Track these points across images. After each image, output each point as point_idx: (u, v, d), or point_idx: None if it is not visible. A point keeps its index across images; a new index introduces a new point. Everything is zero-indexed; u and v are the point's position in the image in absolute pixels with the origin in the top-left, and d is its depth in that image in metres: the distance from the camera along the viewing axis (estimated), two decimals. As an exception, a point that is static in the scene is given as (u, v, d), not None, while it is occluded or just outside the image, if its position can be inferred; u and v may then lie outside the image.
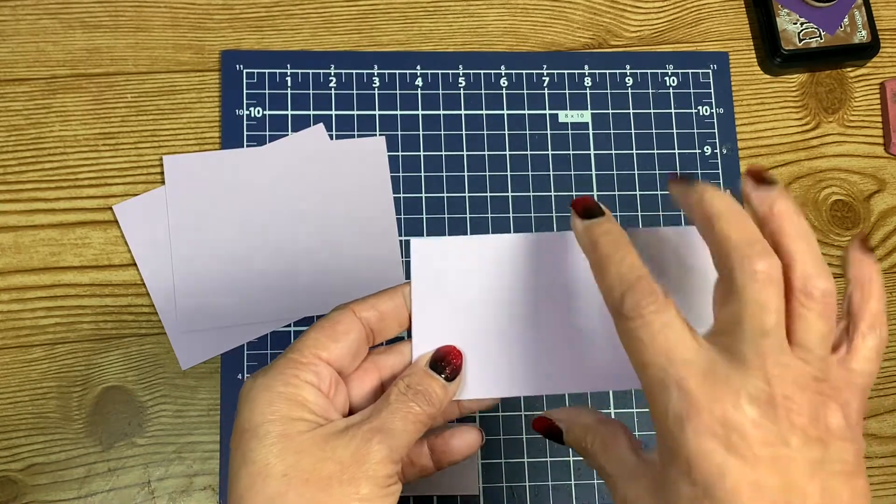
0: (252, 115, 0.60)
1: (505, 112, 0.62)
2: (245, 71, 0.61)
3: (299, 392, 0.35)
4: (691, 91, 0.64)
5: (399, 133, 0.61)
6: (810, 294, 0.31)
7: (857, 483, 0.30)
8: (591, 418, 0.37)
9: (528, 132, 0.62)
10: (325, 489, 0.33)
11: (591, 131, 0.63)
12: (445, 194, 0.60)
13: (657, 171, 0.62)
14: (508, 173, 0.61)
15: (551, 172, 0.62)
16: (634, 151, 0.63)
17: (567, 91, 0.63)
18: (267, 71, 0.61)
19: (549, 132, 0.62)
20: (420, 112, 0.62)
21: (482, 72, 0.63)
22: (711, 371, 0.30)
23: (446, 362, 0.37)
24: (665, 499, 0.31)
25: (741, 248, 0.31)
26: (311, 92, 0.61)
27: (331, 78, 0.62)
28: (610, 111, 0.63)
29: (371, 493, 0.33)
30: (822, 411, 0.30)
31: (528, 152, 0.62)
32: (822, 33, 0.64)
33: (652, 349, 0.31)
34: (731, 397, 0.30)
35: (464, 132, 0.62)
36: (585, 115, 0.63)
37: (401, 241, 0.59)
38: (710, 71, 0.65)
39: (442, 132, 0.62)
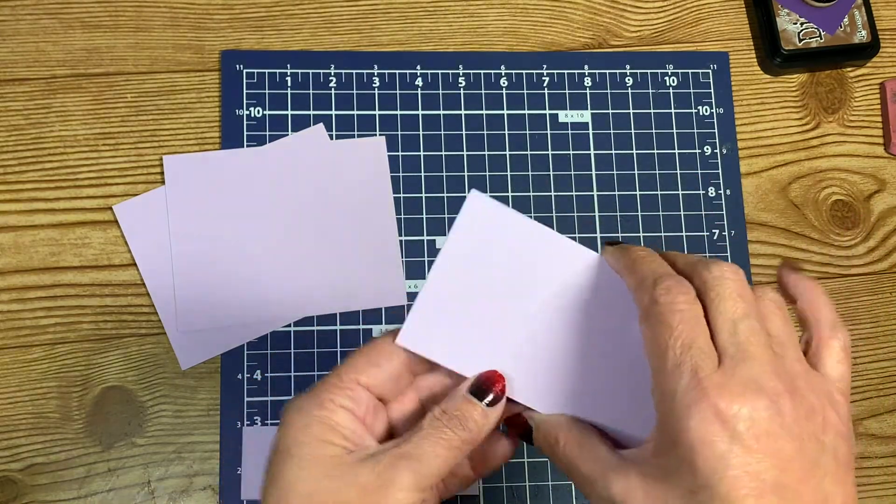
0: (252, 115, 0.60)
1: (505, 112, 0.62)
2: (245, 71, 0.61)
3: (332, 416, 0.35)
4: (691, 91, 0.64)
5: (399, 133, 0.61)
6: (760, 297, 0.34)
7: (849, 485, 0.31)
8: (563, 417, 0.37)
9: (528, 132, 0.62)
10: None
11: (591, 131, 0.63)
12: (445, 194, 0.60)
13: (657, 171, 0.62)
14: (508, 173, 0.61)
15: (551, 172, 0.62)
16: (634, 151, 0.63)
17: (567, 91, 0.63)
18: (267, 71, 0.61)
19: (549, 132, 0.62)
20: (420, 112, 0.62)
21: (482, 72, 0.63)
22: (723, 363, 0.31)
23: (488, 388, 0.36)
24: (661, 489, 0.31)
25: (696, 262, 0.34)
26: (311, 92, 0.61)
27: (331, 78, 0.62)
28: (610, 111, 0.63)
29: None
30: (819, 407, 0.31)
31: (528, 152, 0.62)
32: (822, 33, 0.64)
33: (676, 333, 0.31)
34: (739, 388, 0.30)
35: (464, 132, 0.62)
36: (585, 115, 0.63)
37: (401, 241, 0.59)
38: (710, 71, 0.65)
39: (442, 132, 0.62)
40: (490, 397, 0.36)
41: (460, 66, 0.63)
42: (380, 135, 0.61)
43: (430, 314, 0.38)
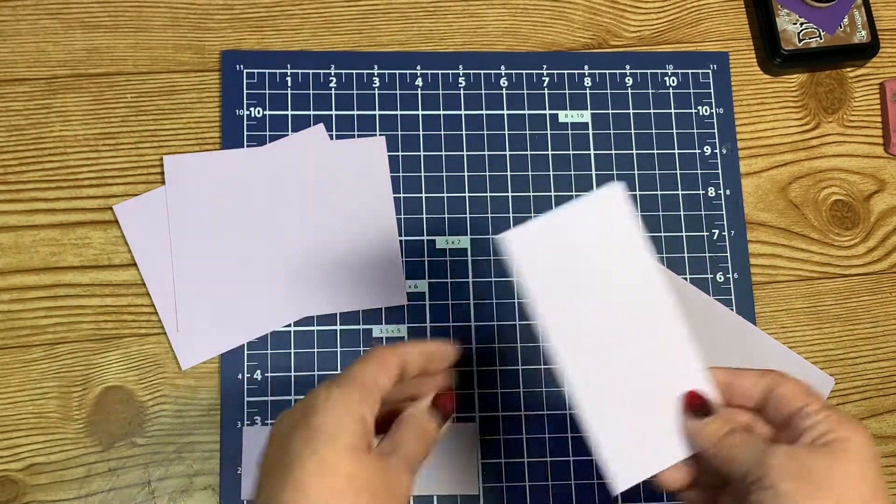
0: (252, 115, 0.60)
1: (505, 112, 0.62)
2: (245, 71, 0.61)
3: (367, 416, 0.39)
4: (691, 91, 0.64)
5: (399, 133, 0.61)
6: None
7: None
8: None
9: (528, 132, 0.62)
10: (372, 501, 0.37)
11: (591, 131, 0.63)
12: (445, 194, 0.60)
13: (657, 171, 0.62)
14: (508, 173, 0.61)
15: (551, 172, 0.62)
16: (634, 151, 0.63)
17: (567, 91, 0.63)
18: (267, 71, 0.61)
19: (549, 132, 0.62)
20: (420, 112, 0.62)
21: (482, 72, 0.63)
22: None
23: (442, 409, 0.43)
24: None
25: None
26: (311, 92, 0.61)
27: (331, 78, 0.62)
28: (610, 111, 0.63)
29: None
30: None
31: (528, 152, 0.62)
32: (822, 33, 0.64)
33: None
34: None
35: (464, 132, 0.62)
36: (585, 115, 0.63)
37: (400, 241, 0.59)
38: (709, 71, 0.65)
39: (442, 132, 0.62)
40: (440, 417, 0.43)
41: (460, 66, 0.63)
42: (380, 135, 0.61)
43: (537, 239, 0.43)
